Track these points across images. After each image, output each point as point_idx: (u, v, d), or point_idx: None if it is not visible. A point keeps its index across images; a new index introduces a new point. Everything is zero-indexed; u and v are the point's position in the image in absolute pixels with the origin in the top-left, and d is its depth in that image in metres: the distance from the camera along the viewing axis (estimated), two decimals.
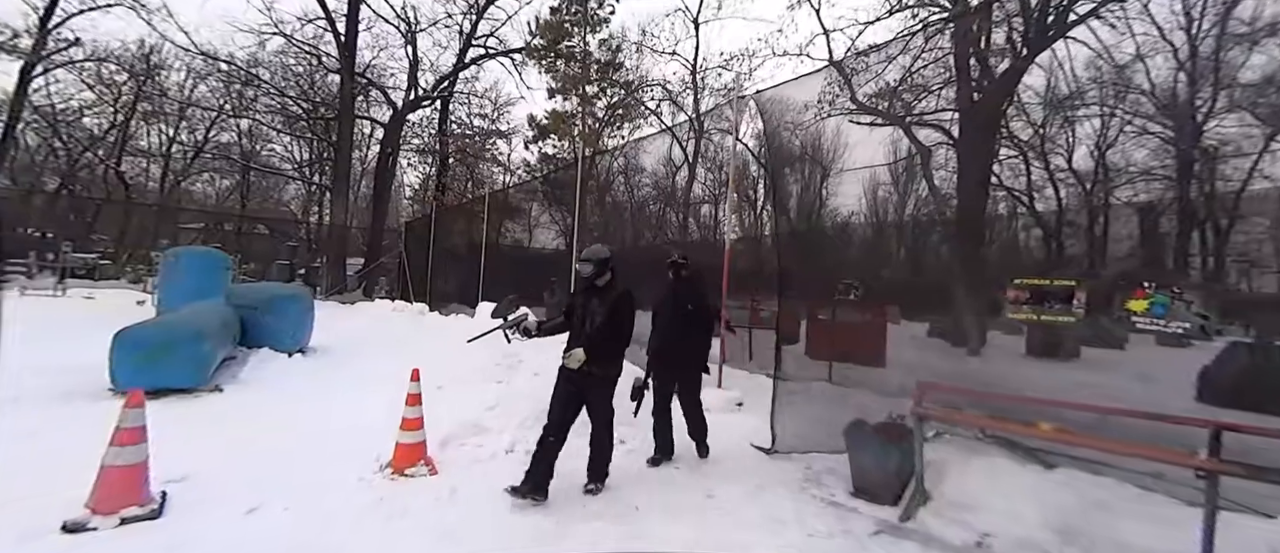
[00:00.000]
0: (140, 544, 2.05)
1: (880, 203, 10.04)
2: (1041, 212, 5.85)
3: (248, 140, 19.60)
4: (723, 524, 2.57)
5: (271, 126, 17.93)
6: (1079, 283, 2.63)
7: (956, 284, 5.59)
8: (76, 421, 3.57)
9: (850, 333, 5.72)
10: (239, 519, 2.31)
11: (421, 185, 18.77)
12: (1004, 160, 6.55)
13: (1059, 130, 5.98)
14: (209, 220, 21.97)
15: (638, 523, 2.53)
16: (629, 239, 14.97)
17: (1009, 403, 2.67)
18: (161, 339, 4.34)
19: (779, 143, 11.61)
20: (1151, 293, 2.33)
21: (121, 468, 2.20)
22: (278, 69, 15.94)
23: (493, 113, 17.28)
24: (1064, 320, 2.69)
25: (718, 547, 2.36)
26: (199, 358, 4.47)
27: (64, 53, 15.09)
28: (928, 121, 11.19)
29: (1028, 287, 2.83)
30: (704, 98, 14.16)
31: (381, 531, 2.29)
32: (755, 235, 14.44)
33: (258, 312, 6.06)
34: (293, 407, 4.28)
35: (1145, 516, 2.29)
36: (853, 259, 8.52)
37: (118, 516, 2.15)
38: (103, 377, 4.25)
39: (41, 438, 3.18)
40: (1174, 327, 2.32)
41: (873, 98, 11.23)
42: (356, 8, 13.60)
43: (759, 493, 2.96)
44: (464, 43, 16.12)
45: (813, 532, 2.55)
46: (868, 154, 11.26)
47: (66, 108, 16.76)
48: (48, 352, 5.11)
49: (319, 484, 2.68)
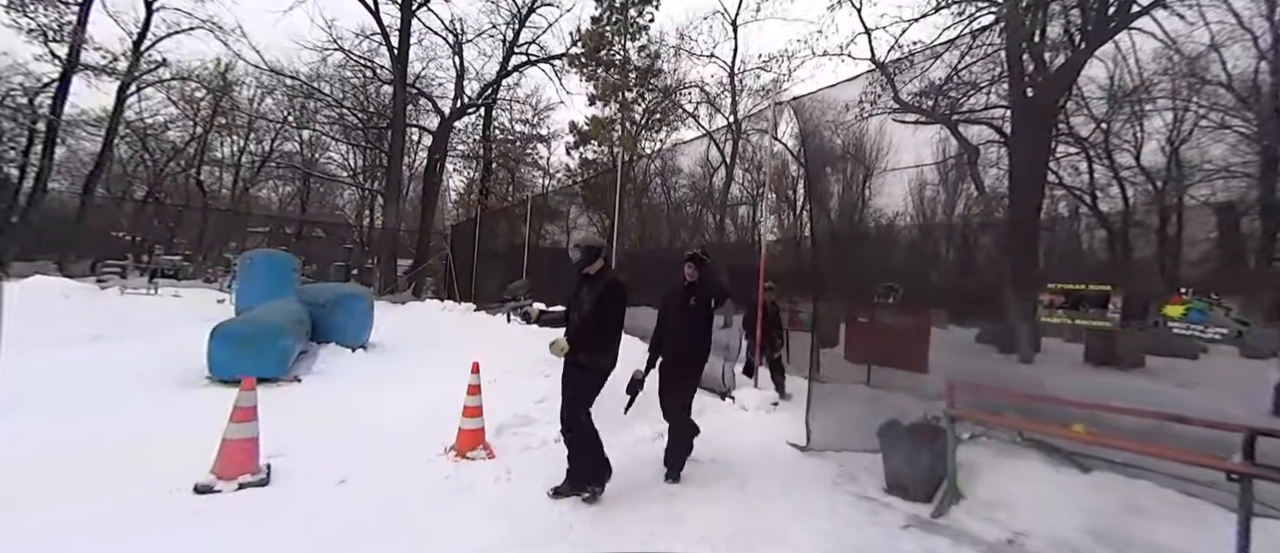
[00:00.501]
0: (256, 506, 2.43)
1: (927, 203, 9.78)
2: (1105, 212, 5.59)
3: (308, 149, 21.06)
4: (757, 512, 2.74)
5: (330, 136, 19.21)
6: (1115, 288, 2.64)
7: (1005, 287, 5.42)
8: (185, 403, 4.12)
9: (891, 336, 5.65)
10: (332, 489, 2.68)
11: (466, 189, 19.65)
12: (1062, 158, 6.26)
13: (1124, 125, 5.69)
14: (272, 224, 23.74)
15: (676, 505, 2.74)
16: (666, 240, 15.16)
17: (1039, 403, 2.71)
18: (250, 335, 4.90)
19: (819, 142, 11.50)
20: (1189, 298, 2.33)
21: (239, 441, 2.61)
22: (336, 82, 17.12)
23: (534, 118, 17.92)
24: (1100, 325, 2.70)
25: (752, 531, 2.54)
26: (281, 352, 5.01)
27: (153, 73, 16.72)
28: (977, 119, 10.79)
29: (1063, 291, 2.85)
30: (742, 99, 14.21)
31: (451, 503, 2.60)
32: (794, 237, 14.34)
33: (326, 310, 6.65)
34: (362, 396, 4.74)
35: (1181, 519, 2.31)
36: (897, 261, 8.32)
37: (236, 481, 2.55)
38: (201, 366, 4.84)
39: (160, 416, 3.72)
40: (1212, 333, 2.31)
41: (917, 96, 10.93)
42: (408, 22, 14.43)
43: (793, 487, 3.11)
44: (506, 51, 16.80)
45: (845, 522, 2.69)
46: (913, 153, 10.96)
47: (153, 122, 18.52)
48: (154, 343, 5.83)
49: (393, 463, 3.04)
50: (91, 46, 15.09)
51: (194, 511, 2.34)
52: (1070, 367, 4.18)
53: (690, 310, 3.20)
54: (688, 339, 3.21)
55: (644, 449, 3.53)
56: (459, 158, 18.68)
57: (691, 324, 3.21)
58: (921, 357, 5.27)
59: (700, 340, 3.25)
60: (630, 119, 14.66)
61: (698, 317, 3.22)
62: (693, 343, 3.22)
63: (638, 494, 2.88)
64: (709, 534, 2.47)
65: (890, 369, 5.12)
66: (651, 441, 3.73)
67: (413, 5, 14.37)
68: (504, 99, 17.67)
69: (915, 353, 5.34)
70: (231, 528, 2.20)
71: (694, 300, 3.20)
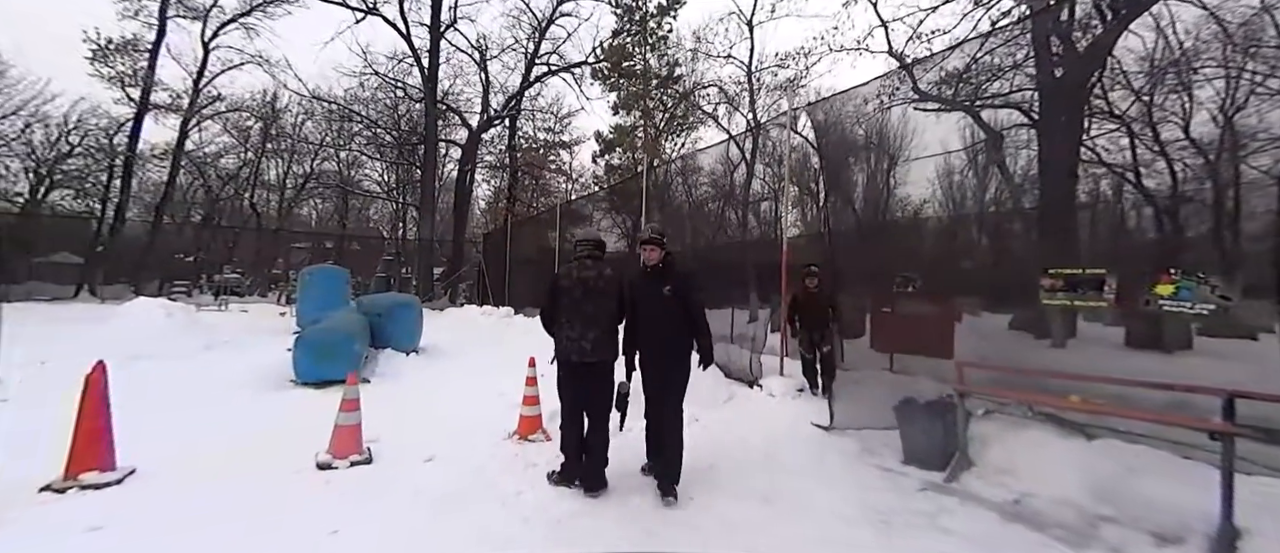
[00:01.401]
0: (368, 479, 2.97)
1: (955, 190, 9.74)
2: (1151, 188, 5.20)
3: (345, 168, 22.34)
4: (785, 479, 3.12)
5: (367, 154, 20.38)
6: (1109, 271, 2.89)
7: (1036, 273, 5.76)
8: (280, 402, 4.79)
9: (917, 325, 5.79)
10: (422, 465, 3.20)
11: (494, 197, 20.49)
12: (1096, 137, 5.97)
13: (1166, 97, 5.32)
14: (313, 240, 25.24)
15: (712, 476, 3.15)
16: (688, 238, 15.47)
17: (1041, 378, 2.99)
18: (328, 342, 5.55)
19: (841, 133, 11.65)
20: (1178, 278, 2.57)
21: (348, 428, 3.16)
22: (371, 103, 18.18)
23: (557, 126, 18.58)
24: (1095, 306, 2.96)
25: (783, 496, 2.92)
26: (352, 356, 5.64)
27: (210, 106, 18.14)
28: (1003, 103, 10.73)
29: (1062, 275, 3.11)
30: (760, 96, 14.46)
31: (523, 476, 3.08)
32: (818, 231, 14.46)
33: (382, 318, 7.33)
34: (424, 392, 5.34)
35: (1175, 478, 2.57)
36: (925, 250, 8.25)
37: (348, 459, 3.10)
38: (285, 371, 5.52)
39: (267, 413, 4.37)
40: (1199, 308, 2.55)
41: (937, 85, 10.93)
42: (438, 44, 15.27)
43: (818, 460, 3.47)
44: (528, 62, 17.50)
45: (866, 489, 3.04)
46: (939, 139, 10.98)
47: (210, 152, 20.04)
48: (242, 353, 6.62)
49: (468, 445, 3.55)
50: (160, 88, 16.58)
51: (323, 482, 2.90)
52: (1109, 351, 4.25)
53: (663, 301, 2.88)
54: (665, 337, 2.90)
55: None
56: (486, 168, 19.53)
57: (668, 320, 2.89)
58: (947, 343, 5.49)
59: (681, 336, 2.92)
60: (653, 125, 15.15)
61: (672, 309, 2.89)
62: (671, 342, 2.91)
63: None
64: (745, 498, 2.88)
65: (911, 356, 5.32)
66: (688, 423, 4.17)
67: (441, 28, 15.19)
68: (526, 109, 18.41)
69: (941, 339, 5.55)
70: (356, 495, 2.73)
71: (667, 289, 2.89)
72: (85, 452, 2.66)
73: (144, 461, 2.92)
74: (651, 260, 2.97)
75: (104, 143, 16.70)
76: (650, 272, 2.99)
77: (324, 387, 5.28)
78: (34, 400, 4.36)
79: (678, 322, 2.92)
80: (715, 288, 7.16)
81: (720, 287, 7.37)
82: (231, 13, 17.11)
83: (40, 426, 3.40)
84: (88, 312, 9.51)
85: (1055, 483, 2.79)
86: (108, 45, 16.48)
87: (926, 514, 2.73)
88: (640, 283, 3.02)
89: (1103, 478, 2.73)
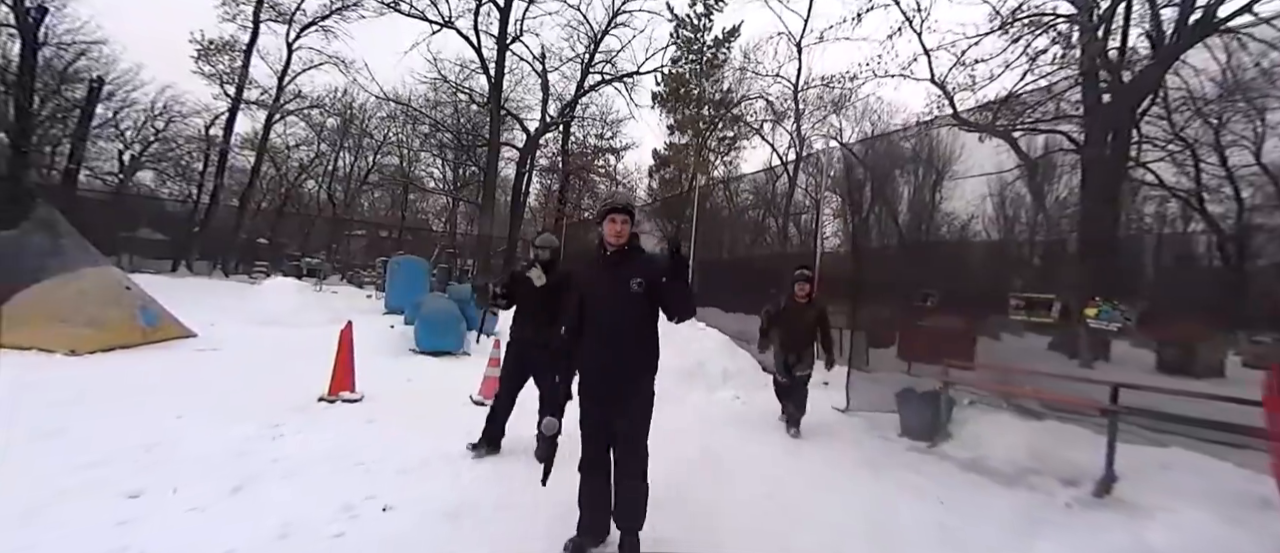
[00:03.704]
0: None
1: (1008, 207, 10.34)
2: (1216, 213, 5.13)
3: (407, 164, 24.63)
4: (806, 443, 4.40)
5: (431, 152, 22.58)
6: (1056, 297, 4.01)
7: (1069, 295, 6.24)
8: (411, 363, 6.38)
9: (943, 337, 6.61)
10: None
11: (545, 198, 22.30)
12: (1152, 162, 6.18)
13: (1229, 121, 5.35)
14: (371, 230, 27.74)
15: (745, 436, 4.43)
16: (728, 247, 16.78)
17: (1009, 373, 4.16)
18: (441, 321, 7.15)
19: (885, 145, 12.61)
20: (1100, 303, 3.66)
21: (491, 377, 4.64)
22: (435, 106, 20.28)
23: (608, 133, 20.23)
24: (1042, 322, 4.08)
25: (803, 449, 4.20)
26: (459, 333, 7.23)
27: (292, 102, 20.62)
28: (1049, 128, 11.52)
29: (1022, 297, 4.24)
30: (806, 117, 15.58)
31: None
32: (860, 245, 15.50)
33: (466, 304, 8.94)
34: None
35: (1088, 446, 3.71)
36: (969, 266, 8.77)
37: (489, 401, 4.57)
38: (403, 342, 7.16)
39: (409, 370, 5.94)
40: (1112, 326, 3.64)
41: (977, 111, 11.80)
42: (504, 55, 17.12)
43: (833, 433, 4.72)
44: (583, 71, 19.17)
45: (867, 450, 4.28)
46: (985, 158, 11.89)
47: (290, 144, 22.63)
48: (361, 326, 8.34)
49: None
50: (252, 86, 19.12)
51: (481, 412, 4.37)
52: (1139, 374, 4.66)
53: (628, 298, 2.13)
54: (630, 345, 2.16)
55: (717, 409, 5.26)
56: (538, 170, 21.35)
57: (630, 325, 2.16)
58: (969, 353, 6.49)
59: (646, 347, 2.20)
60: (705, 146, 16.62)
61: (642, 310, 2.17)
62: (633, 355, 2.17)
63: (708, 427, 4.62)
64: (775, 447, 4.17)
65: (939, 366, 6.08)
66: (730, 401, 5.51)
67: (507, 40, 17.00)
68: (578, 116, 20.13)
69: (964, 351, 6.56)
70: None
71: (638, 283, 2.12)
72: (342, 378, 4.23)
73: (361, 391, 4.47)
74: (616, 239, 2.17)
75: (186, 130, 19.28)
76: (610, 256, 2.19)
77: (439, 355, 6.90)
78: (240, 351, 6.10)
79: (644, 328, 2.16)
80: (750, 294, 8.28)
81: (755, 292, 8.13)
82: (312, 16, 19.48)
83: (259, 366, 5.06)
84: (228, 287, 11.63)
85: (1005, 449, 3.96)
86: (210, 45, 19.12)
87: (908, 465, 3.95)
88: (593, 270, 2.27)
89: (1039, 445, 3.89)
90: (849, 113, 15.90)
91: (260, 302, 8.71)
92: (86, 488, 2.45)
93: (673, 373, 5.67)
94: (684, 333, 6.72)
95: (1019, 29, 10.55)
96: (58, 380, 4.20)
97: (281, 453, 3.09)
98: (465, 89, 18.76)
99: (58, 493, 2.37)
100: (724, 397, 5.76)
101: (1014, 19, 10.81)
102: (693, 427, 4.47)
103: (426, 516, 2.49)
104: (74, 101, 17.42)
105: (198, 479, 2.62)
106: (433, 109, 20.30)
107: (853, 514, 2.89)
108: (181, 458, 2.88)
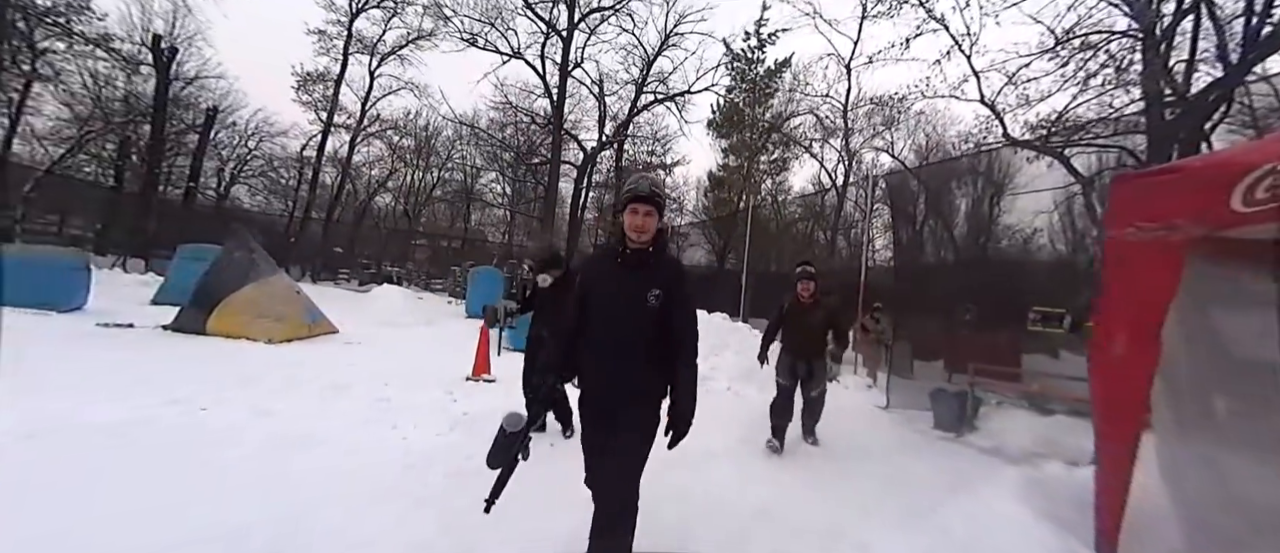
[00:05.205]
0: None
1: (1077, 221, 10.70)
2: None
3: (470, 180, 26.94)
4: (850, 430, 5.42)
5: (493, 169, 24.76)
6: (1066, 311, 4.85)
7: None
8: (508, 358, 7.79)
9: (987, 348, 7.39)
10: None
11: (598, 214, 23.94)
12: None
13: None
14: (433, 240, 30.23)
15: (795, 426, 5.49)
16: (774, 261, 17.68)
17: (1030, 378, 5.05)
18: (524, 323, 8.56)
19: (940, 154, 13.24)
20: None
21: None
22: (502, 127, 22.37)
23: (659, 149, 21.72)
24: (1054, 332, 4.92)
25: (849, 439, 5.22)
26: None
27: (373, 124, 23.24)
28: (1105, 144, 12.02)
29: (1040, 310, 5.11)
30: (855, 134, 16.39)
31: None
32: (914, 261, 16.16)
33: None
34: None
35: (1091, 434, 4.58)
36: (1040, 284, 9.11)
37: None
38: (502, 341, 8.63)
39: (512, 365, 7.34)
40: None
41: (1029, 130, 12.35)
42: (565, 81, 18.91)
43: (873, 424, 5.72)
44: (637, 91, 20.73)
45: (902, 438, 5.26)
46: (1044, 170, 12.40)
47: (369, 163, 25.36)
48: (448, 328, 9.93)
49: None
50: (341, 112, 21.83)
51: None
52: None
53: (642, 307, 1.87)
54: (639, 364, 1.89)
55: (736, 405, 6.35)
56: (594, 188, 23.04)
57: (640, 335, 1.89)
58: (1014, 367, 7.24)
59: (660, 367, 1.91)
60: (757, 168, 17.84)
61: (658, 324, 1.90)
62: (647, 372, 1.90)
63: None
64: (829, 438, 5.22)
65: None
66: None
67: (569, 67, 18.77)
68: (631, 136, 21.71)
69: (1009, 364, 7.31)
70: None
71: (655, 294, 1.87)
72: (482, 364, 5.63)
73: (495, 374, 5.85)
74: (638, 235, 1.89)
75: (274, 149, 22.14)
76: (629, 256, 1.91)
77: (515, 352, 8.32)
78: (380, 345, 7.69)
79: (657, 348, 1.90)
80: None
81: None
82: (392, 46, 22.01)
83: (404, 355, 6.54)
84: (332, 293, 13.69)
85: (1020, 438, 4.86)
86: (308, 77, 21.96)
87: (937, 451, 4.92)
88: (606, 269, 1.98)
89: (1050, 436, 4.77)
90: (900, 128, 16.55)
91: (373, 305, 10.47)
92: (371, 421, 3.90)
93: (730, 371, 6.82)
94: (743, 332, 7.86)
95: (1071, 51, 10.91)
96: (285, 361, 5.78)
97: (467, 409, 4.47)
98: (528, 112, 20.69)
99: (362, 421, 3.83)
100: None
101: (1068, 37, 11.14)
102: (742, 414, 5.58)
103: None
104: (189, 125, 20.49)
105: (427, 420, 4.02)
106: (499, 130, 22.40)
107: (880, 480, 3.94)
108: (409, 407, 4.30)
